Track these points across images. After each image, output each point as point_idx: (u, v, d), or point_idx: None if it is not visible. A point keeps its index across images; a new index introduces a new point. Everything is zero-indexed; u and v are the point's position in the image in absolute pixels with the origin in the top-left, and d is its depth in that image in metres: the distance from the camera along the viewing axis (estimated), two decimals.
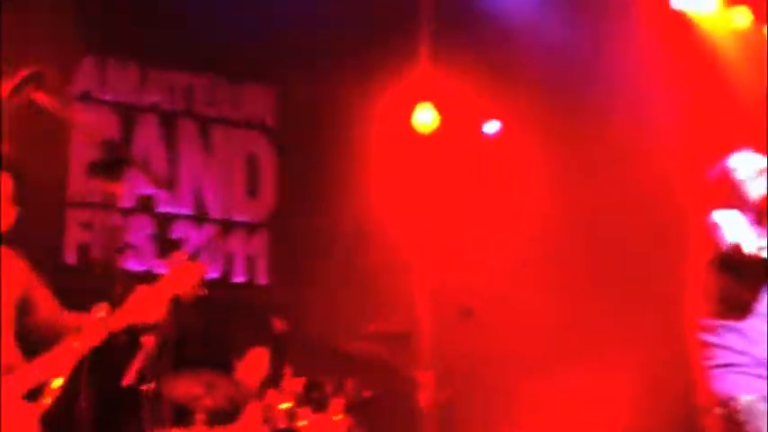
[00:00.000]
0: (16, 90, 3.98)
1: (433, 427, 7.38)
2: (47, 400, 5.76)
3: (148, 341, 6.52)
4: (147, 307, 4.05)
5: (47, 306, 4.12)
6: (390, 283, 7.91)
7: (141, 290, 4.05)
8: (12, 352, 3.90)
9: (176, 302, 4.18)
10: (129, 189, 8.34)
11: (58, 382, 5.95)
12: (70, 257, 8.23)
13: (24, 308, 4.03)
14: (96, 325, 3.97)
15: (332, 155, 8.95)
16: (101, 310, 3.94)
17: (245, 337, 7.73)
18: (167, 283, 4.12)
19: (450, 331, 7.67)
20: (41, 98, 4.07)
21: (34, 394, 4.02)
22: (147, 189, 8.50)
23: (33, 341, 4.08)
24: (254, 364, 7.66)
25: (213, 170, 8.94)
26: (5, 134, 4.13)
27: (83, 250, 8.28)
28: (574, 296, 8.35)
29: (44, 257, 4.36)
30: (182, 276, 4.17)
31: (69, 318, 4.18)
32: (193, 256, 8.10)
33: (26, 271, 4.12)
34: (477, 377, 8.13)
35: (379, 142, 8.90)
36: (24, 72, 4.06)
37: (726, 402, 4.53)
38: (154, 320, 4.14)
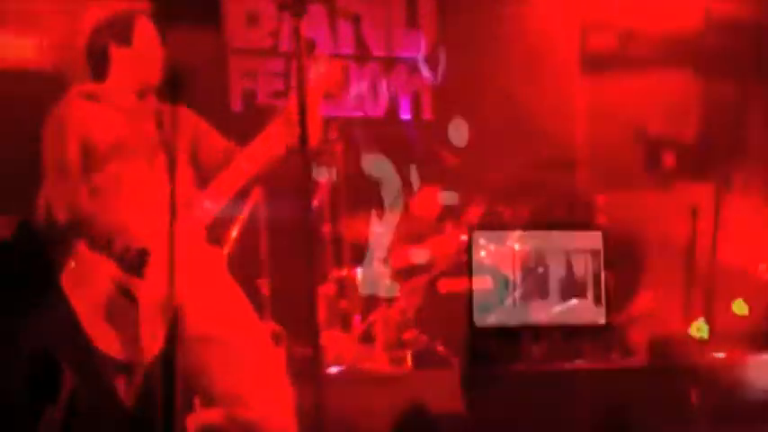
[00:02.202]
0: None
1: None
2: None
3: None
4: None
5: (216, 146, 4.14)
6: None
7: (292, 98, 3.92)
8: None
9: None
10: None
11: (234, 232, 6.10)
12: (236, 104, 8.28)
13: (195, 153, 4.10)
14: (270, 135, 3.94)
15: None
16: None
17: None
18: (315, 82, 3.96)
19: None
20: None
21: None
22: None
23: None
24: (426, 200, 7.69)
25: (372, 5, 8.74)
26: None
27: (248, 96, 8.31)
28: None
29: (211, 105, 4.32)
30: (326, 75, 4.03)
31: None
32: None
33: (191, 118, 4.15)
34: None
35: None
36: None
37: None
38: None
